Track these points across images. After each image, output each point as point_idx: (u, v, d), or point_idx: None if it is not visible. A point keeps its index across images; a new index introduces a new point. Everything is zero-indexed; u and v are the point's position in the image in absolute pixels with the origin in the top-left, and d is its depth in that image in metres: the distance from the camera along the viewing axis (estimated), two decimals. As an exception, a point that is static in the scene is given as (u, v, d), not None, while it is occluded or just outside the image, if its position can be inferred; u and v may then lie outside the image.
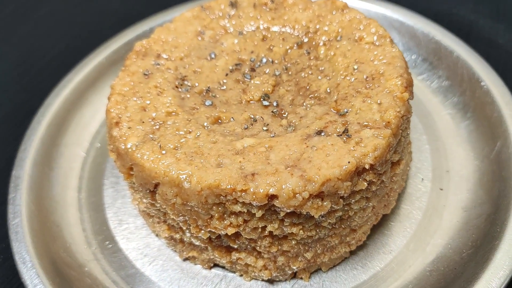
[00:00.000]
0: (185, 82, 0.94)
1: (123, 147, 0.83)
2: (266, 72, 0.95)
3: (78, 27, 1.50)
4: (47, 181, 1.03)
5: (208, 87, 0.92)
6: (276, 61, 0.97)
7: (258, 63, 0.97)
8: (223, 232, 0.79)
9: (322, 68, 0.93)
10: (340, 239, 0.86)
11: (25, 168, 1.02)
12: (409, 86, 0.86)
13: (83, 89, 1.19)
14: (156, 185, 0.80)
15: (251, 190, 0.74)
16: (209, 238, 0.84)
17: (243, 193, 0.74)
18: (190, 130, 0.84)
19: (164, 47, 1.00)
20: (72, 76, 1.20)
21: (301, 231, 0.80)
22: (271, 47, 0.99)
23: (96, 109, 1.19)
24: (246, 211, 0.76)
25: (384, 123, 0.81)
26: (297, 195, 0.74)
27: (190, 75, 0.95)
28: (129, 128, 0.84)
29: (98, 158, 1.11)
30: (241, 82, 0.94)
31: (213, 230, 0.79)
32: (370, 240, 0.92)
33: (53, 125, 1.11)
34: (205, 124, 0.86)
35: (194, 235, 0.84)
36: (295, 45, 0.99)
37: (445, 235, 0.91)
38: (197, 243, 0.87)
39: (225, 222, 0.78)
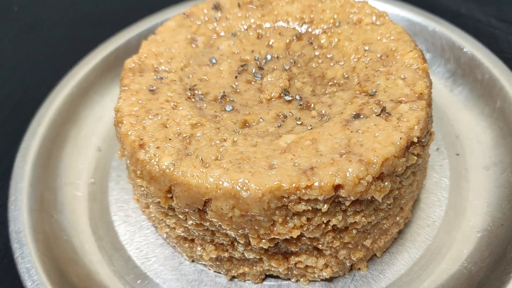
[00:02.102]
0: (196, 92, 0.88)
1: (157, 169, 0.75)
2: (275, 68, 0.92)
3: (30, 60, 1.37)
4: (53, 229, 0.91)
5: (223, 92, 0.87)
6: (280, 56, 0.94)
7: (264, 61, 0.93)
8: (287, 237, 0.74)
9: (331, 55, 0.92)
10: (393, 220, 0.84)
11: (23, 220, 0.89)
12: (424, 57, 0.88)
13: (60, 124, 1.08)
14: (206, 202, 0.74)
15: (316, 184, 0.70)
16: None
17: (308, 190, 0.70)
18: (225, 138, 0.78)
19: (159, 59, 0.93)
20: (44, 112, 1.07)
21: (363, 218, 0.77)
22: (270, 43, 0.96)
23: (78, 144, 1.08)
24: (310, 208, 0.72)
25: (416, 95, 0.81)
26: (362, 181, 0.71)
27: (199, 84, 0.89)
28: (157, 148, 0.77)
29: (96, 194, 1.00)
30: (253, 82, 0.90)
31: (277, 237, 0.74)
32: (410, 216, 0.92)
33: (38, 167, 0.99)
34: (235, 129, 0.81)
35: (253, 247, 0.78)
36: (294, 38, 0.96)
37: (479, 195, 0.93)
38: (251, 256, 0.81)
39: (289, 225, 0.74)
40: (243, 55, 0.94)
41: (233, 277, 0.87)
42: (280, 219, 0.73)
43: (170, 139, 0.78)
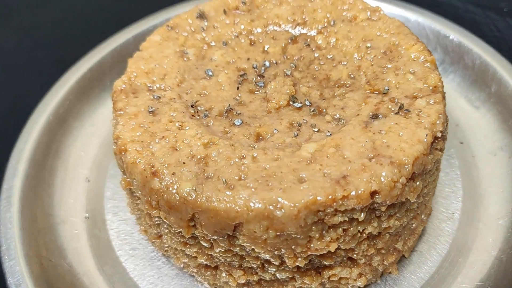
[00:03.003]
0: (199, 108, 0.82)
1: (178, 197, 0.69)
2: (276, 74, 0.87)
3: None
4: (55, 274, 0.82)
5: (228, 106, 0.81)
6: (279, 61, 0.90)
7: (263, 68, 0.88)
8: (324, 252, 0.70)
9: (331, 56, 0.89)
10: (420, 218, 0.82)
11: (21, 270, 0.80)
12: (428, 49, 0.86)
13: (41, 158, 0.98)
14: (236, 227, 0.68)
15: (353, 193, 0.66)
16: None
17: (345, 200, 0.66)
18: (243, 155, 0.73)
19: (151, 77, 0.86)
20: (22, 146, 0.97)
21: (396, 221, 0.74)
22: (266, 49, 0.92)
23: (64, 177, 0.99)
24: (346, 219, 0.69)
25: (431, 89, 0.79)
26: (397, 184, 0.68)
27: (200, 100, 0.83)
28: (173, 174, 0.70)
29: (94, 230, 0.92)
30: (256, 92, 0.85)
31: (314, 253, 0.70)
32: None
33: (26, 208, 0.90)
34: (250, 144, 0.76)
35: (286, 267, 0.73)
36: (289, 41, 0.92)
37: (491, 182, 0.93)
38: (283, 276, 0.76)
39: (326, 239, 0.70)
40: (239, 64, 0.89)
41: (262, 300, 0.82)
42: (317, 235, 0.69)
43: (184, 163, 0.72)
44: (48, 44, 1.37)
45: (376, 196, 0.68)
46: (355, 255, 0.75)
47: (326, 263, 0.75)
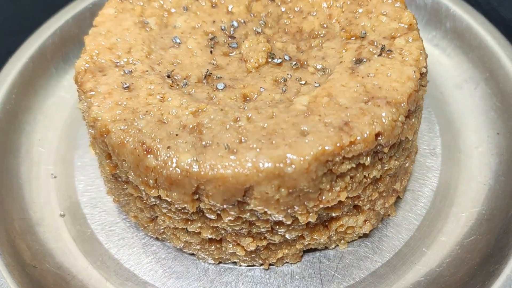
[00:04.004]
0: (176, 77, 0.77)
1: (179, 171, 0.64)
2: (247, 34, 0.84)
3: None
4: (46, 281, 0.75)
5: (207, 71, 0.77)
6: (246, 20, 0.86)
7: (232, 29, 0.84)
8: (335, 203, 0.69)
9: (298, 9, 0.86)
10: (411, 157, 0.83)
11: (1, 274, 0.73)
12: (394, -11, 0.86)
13: None
14: (246, 191, 0.65)
15: (359, 138, 0.66)
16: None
17: (352, 146, 0.65)
18: (237, 117, 0.69)
19: (115, 52, 0.79)
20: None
21: (396, 161, 0.75)
22: (230, 10, 0.87)
23: (28, 178, 0.90)
24: (354, 166, 0.68)
25: (406, 27, 0.79)
26: (397, 123, 0.69)
27: (175, 69, 0.78)
28: (168, 148, 0.66)
29: (75, 227, 0.85)
30: (231, 54, 0.81)
31: (326, 205, 0.69)
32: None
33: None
34: (240, 106, 0.72)
35: (295, 225, 0.72)
36: (252, -1, 0.89)
37: (463, 113, 0.95)
38: (293, 235, 0.74)
39: (336, 189, 0.68)
40: (206, 27, 0.84)
41: (271, 264, 0.80)
42: (327, 186, 0.67)
43: (177, 135, 0.67)
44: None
45: (379, 138, 0.68)
46: (360, 202, 0.75)
47: (334, 214, 0.74)
